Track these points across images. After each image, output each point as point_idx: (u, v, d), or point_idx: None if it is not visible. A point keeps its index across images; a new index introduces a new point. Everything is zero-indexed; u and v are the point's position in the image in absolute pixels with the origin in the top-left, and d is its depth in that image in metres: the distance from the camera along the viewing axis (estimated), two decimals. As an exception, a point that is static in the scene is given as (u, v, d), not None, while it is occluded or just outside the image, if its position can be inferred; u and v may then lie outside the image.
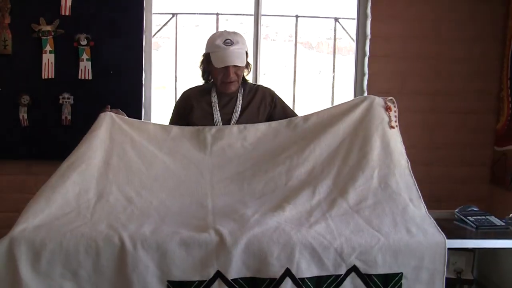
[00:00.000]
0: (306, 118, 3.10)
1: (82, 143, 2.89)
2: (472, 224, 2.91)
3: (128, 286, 2.38)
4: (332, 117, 3.06)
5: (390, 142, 2.93)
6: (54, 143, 4.08)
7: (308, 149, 2.96)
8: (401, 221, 2.60)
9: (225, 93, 3.23)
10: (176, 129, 3.10)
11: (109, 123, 2.98)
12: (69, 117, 4.10)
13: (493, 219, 2.96)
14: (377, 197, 2.76)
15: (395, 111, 3.01)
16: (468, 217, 2.98)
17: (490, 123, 4.40)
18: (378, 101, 3.05)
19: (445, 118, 4.38)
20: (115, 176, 2.82)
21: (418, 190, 2.80)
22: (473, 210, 3.09)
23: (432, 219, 2.64)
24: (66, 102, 4.09)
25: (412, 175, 2.86)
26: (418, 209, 2.70)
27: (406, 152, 2.95)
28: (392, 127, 2.97)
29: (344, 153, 2.95)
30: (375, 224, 2.58)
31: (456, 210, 3.09)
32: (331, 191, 2.81)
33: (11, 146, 4.15)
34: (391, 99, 3.05)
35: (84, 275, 2.38)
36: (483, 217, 2.98)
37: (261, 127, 3.09)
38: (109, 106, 3.08)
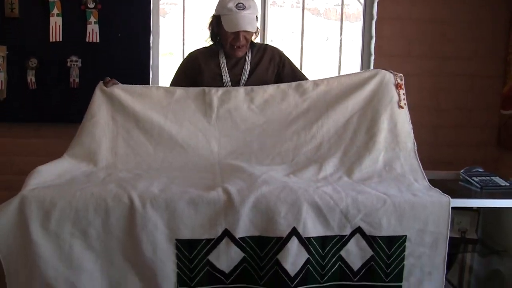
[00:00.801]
0: (316, 83, 3.07)
1: (84, 133, 2.90)
2: (477, 185, 2.92)
3: (137, 244, 2.40)
4: (342, 87, 3.03)
5: (397, 123, 2.91)
6: (63, 106, 4.08)
7: (315, 126, 2.96)
8: (406, 191, 2.59)
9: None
10: (180, 90, 3.08)
11: (109, 103, 2.97)
12: (77, 80, 4.07)
13: (498, 179, 2.96)
14: (382, 178, 2.75)
15: (403, 89, 2.97)
16: (473, 178, 2.99)
17: (497, 87, 4.36)
18: (389, 78, 3.00)
19: (452, 81, 4.34)
20: (124, 165, 2.84)
21: (423, 172, 2.79)
22: (478, 171, 3.09)
23: (436, 189, 2.62)
24: (74, 65, 4.07)
25: (418, 158, 2.85)
26: (422, 186, 2.69)
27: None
28: (401, 106, 2.94)
29: (352, 132, 2.94)
30: (381, 191, 2.57)
31: (461, 171, 3.09)
32: (338, 169, 2.81)
33: (19, 109, 4.14)
34: (401, 76, 3.01)
35: (93, 234, 2.40)
36: (488, 177, 2.99)
37: (269, 89, 3.07)
38: (109, 78, 3.05)
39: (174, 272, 2.45)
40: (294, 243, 2.42)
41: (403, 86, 2.98)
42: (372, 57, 4.30)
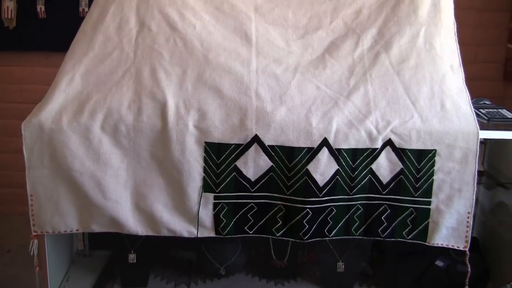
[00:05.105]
0: None
1: None
2: (484, 117, 2.73)
3: (166, 143, 2.17)
4: None
5: None
6: (71, 35, 3.73)
7: None
8: (438, 92, 2.35)
9: None
10: None
11: None
12: (86, 9, 3.76)
13: (505, 112, 2.79)
14: (420, 58, 2.44)
15: None
16: (480, 110, 2.79)
17: (504, 21, 4.13)
18: None
19: (460, 15, 4.14)
20: None
21: (460, 57, 2.51)
22: (485, 103, 2.92)
23: (468, 92, 2.41)
24: (83, -6, 3.81)
25: (457, 39, 2.58)
26: (456, 77, 2.44)
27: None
28: None
29: (394, 1, 2.57)
30: (413, 92, 2.33)
31: (469, 103, 2.92)
32: (376, 42, 2.48)
33: (29, 38, 3.86)
34: None
35: (123, 130, 2.16)
36: (495, 110, 2.81)
37: None
38: None
39: (200, 176, 2.23)
40: (324, 153, 2.21)
41: None
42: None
